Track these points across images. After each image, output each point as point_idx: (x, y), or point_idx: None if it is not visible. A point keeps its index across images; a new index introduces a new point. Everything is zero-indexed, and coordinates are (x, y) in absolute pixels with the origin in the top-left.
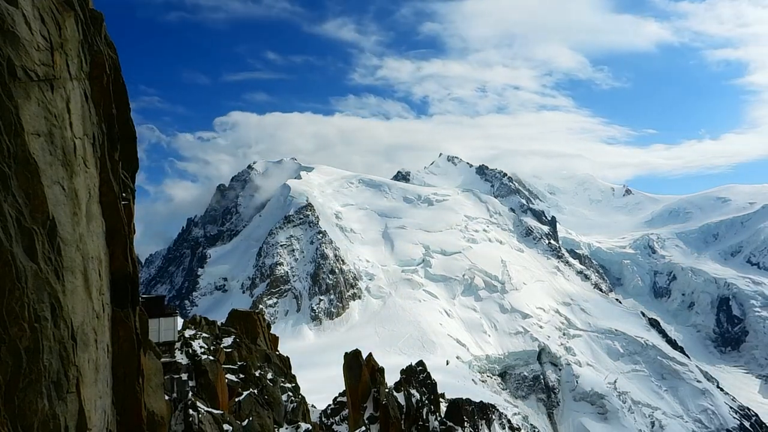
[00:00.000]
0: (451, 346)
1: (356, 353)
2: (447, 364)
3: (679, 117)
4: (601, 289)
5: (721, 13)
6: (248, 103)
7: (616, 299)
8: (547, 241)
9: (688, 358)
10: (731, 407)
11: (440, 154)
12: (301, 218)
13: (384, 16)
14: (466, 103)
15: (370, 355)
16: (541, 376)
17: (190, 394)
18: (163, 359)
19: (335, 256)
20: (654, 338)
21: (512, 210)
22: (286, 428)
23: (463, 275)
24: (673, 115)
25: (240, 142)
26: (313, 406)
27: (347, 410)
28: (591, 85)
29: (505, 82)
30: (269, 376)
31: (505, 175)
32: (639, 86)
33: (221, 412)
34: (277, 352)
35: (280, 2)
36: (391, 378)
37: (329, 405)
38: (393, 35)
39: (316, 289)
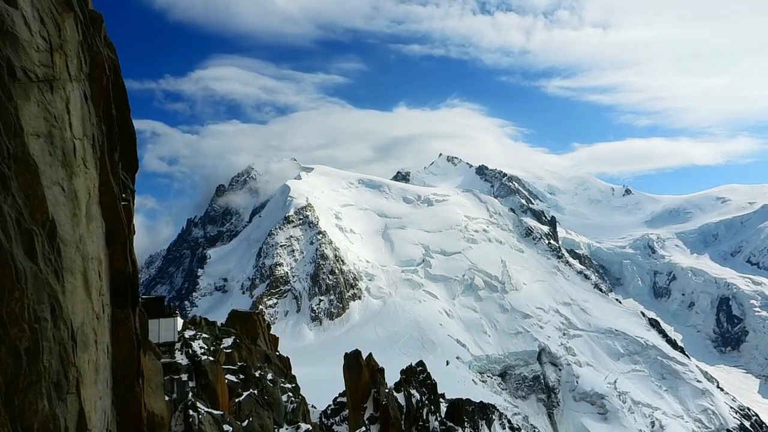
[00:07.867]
0: (451, 346)
1: (356, 353)
2: (447, 364)
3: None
4: (601, 289)
5: (355, 7)
6: None
7: (616, 299)
8: (547, 241)
9: (688, 358)
10: (731, 407)
11: (440, 155)
12: (300, 218)
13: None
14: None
15: (370, 355)
16: (541, 376)
17: (190, 394)
18: (163, 360)
19: (335, 256)
20: (654, 338)
21: (512, 210)
22: (286, 429)
23: (463, 275)
24: None
25: None
26: (313, 406)
27: (347, 410)
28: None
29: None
30: (269, 376)
31: (505, 175)
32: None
33: (221, 412)
34: (277, 353)
35: None
36: (391, 378)
37: (329, 405)
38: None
39: (316, 290)
